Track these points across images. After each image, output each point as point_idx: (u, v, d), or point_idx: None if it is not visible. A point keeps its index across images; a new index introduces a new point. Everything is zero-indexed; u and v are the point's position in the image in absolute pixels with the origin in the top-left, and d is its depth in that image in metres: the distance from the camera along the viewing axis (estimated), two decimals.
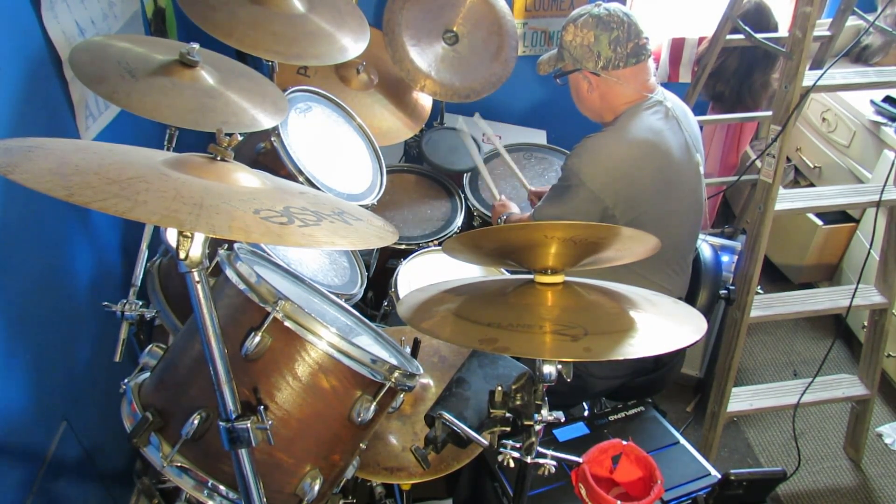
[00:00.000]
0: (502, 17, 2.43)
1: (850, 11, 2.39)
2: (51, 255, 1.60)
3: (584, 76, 1.74)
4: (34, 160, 0.80)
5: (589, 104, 1.79)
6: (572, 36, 1.72)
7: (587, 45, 1.70)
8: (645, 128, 1.69)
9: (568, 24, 1.74)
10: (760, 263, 2.02)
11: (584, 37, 1.70)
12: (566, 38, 1.74)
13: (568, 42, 1.73)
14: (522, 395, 1.13)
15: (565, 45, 1.74)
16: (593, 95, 1.76)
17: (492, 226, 1.98)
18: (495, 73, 2.40)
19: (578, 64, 1.73)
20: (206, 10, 1.67)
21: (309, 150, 1.78)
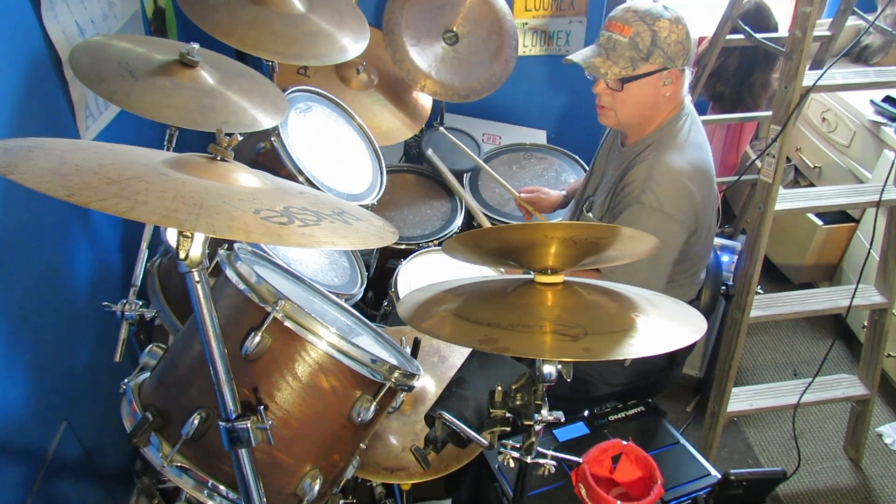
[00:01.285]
0: (502, 17, 2.43)
1: (850, 11, 2.39)
2: (51, 255, 1.60)
3: (663, 76, 1.61)
4: (34, 160, 0.80)
5: (645, 108, 1.66)
6: (668, 32, 1.56)
7: (681, 42, 1.58)
8: (696, 145, 1.68)
9: (656, 19, 1.57)
10: (760, 263, 2.02)
11: (679, 32, 1.58)
12: (661, 34, 1.56)
13: (663, 39, 1.56)
14: (522, 395, 1.13)
15: (659, 42, 1.56)
16: (664, 97, 1.64)
17: (495, 225, 1.98)
18: (495, 73, 2.40)
19: (671, 63, 1.59)
20: (206, 10, 1.67)
21: (309, 150, 1.78)
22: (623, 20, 1.59)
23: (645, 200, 1.59)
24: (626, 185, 1.65)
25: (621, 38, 1.59)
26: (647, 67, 1.59)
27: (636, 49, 1.58)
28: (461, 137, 2.56)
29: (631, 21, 1.58)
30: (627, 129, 1.75)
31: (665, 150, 1.64)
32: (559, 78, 3.07)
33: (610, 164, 1.85)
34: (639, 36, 1.57)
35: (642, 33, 1.57)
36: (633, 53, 1.58)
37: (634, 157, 1.71)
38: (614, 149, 1.85)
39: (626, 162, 1.73)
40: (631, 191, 1.62)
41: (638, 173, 1.63)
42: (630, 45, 1.58)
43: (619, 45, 1.59)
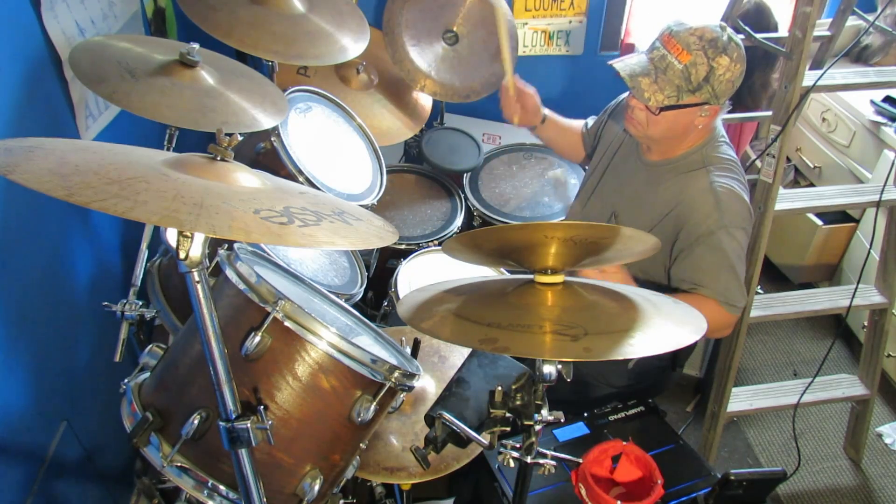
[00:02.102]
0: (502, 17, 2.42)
1: (850, 11, 2.39)
2: (51, 255, 1.60)
3: (703, 109, 1.55)
4: (34, 160, 0.81)
5: (675, 134, 1.62)
6: (724, 70, 1.49)
7: (732, 81, 1.52)
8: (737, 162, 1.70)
9: (719, 53, 1.48)
10: (760, 263, 2.02)
11: (734, 71, 1.51)
12: (719, 71, 1.49)
13: (718, 77, 1.49)
14: (522, 395, 1.13)
15: (713, 79, 1.49)
16: (696, 127, 1.60)
17: (492, 225, 1.98)
18: (495, 73, 2.39)
19: (716, 100, 1.53)
20: (206, 10, 1.67)
21: (309, 150, 1.78)
22: (685, 44, 1.49)
23: (727, 222, 1.58)
24: (692, 217, 1.61)
25: (676, 62, 1.50)
26: (691, 99, 1.52)
27: (687, 80, 1.50)
28: (461, 137, 2.56)
29: (692, 48, 1.49)
30: (652, 143, 1.71)
31: (715, 171, 1.63)
32: (559, 78, 3.07)
33: (633, 175, 1.78)
34: (694, 66, 1.49)
35: (699, 65, 1.48)
36: (683, 83, 1.50)
37: (671, 176, 1.68)
38: (632, 158, 1.79)
39: (663, 181, 1.69)
40: (702, 220, 1.59)
41: (701, 201, 1.60)
42: (682, 74, 1.50)
43: (672, 69, 1.50)
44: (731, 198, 1.61)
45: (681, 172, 1.67)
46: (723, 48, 1.49)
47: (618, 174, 1.84)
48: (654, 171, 1.72)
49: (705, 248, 1.60)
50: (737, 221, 1.60)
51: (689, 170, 1.66)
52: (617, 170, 1.84)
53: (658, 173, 1.71)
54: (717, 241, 1.58)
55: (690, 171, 1.66)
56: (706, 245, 1.60)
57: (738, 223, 1.60)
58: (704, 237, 1.59)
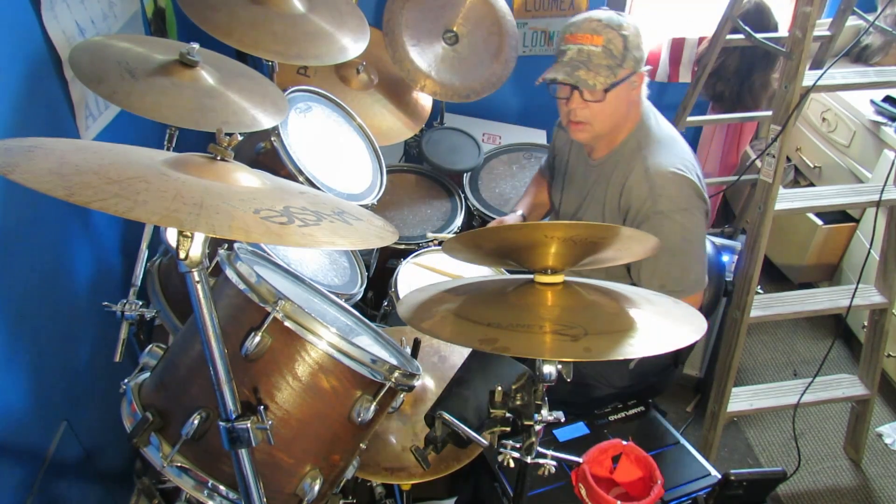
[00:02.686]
0: (502, 17, 2.43)
1: (850, 11, 2.39)
2: (51, 255, 1.60)
3: (632, 81, 1.63)
4: (34, 160, 0.81)
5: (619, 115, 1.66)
6: (634, 36, 1.59)
7: (642, 46, 1.61)
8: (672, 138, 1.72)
9: (621, 25, 1.59)
10: (760, 263, 2.02)
11: (639, 36, 1.61)
12: (633, 40, 1.58)
13: (633, 44, 1.59)
14: (522, 395, 1.13)
15: (630, 46, 1.58)
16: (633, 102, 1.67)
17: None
18: (495, 73, 2.40)
19: (639, 66, 1.62)
20: (206, 10, 1.67)
21: (309, 150, 1.78)
22: (590, 30, 1.58)
23: (661, 208, 1.60)
24: (632, 205, 1.64)
25: (593, 48, 1.57)
26: (622, 73, 1.59)
27: (611, 56, 1.57)
28: (461, 137, 2.56)
29: (599, 30, 1.57)
30: (597, 142, 1.73)
31: (649, 154, 1.66)
32: None
33: (585, 178, 1.82)
34: (611, 43, 1.56)
35: (613, 40, 1.56)
36: (610, 61, 1.57)
37: (614, 168, 1.71)
38: (581, 164, 1.83)
39: (609, 176, 1.72)
40: (640, 207, 1.63)
41: (637, 188, 1.64)
42: (605, 54, 1.57)
43: (594, 55, 1.57)
44: (666, 180, 1.61)
45: (621, 163, 1.70)
46: (620, 21, 1.58)
47: (574, 182, 1.88)
48: (600, 169, 1.75)
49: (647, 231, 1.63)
50: (674, 205, 1.60)
51: (627, 158, 1.69)
52: (573, 179, 1.88)
53: (604, 170, 1.74)
54: (651, 227, 1.61)
55: (629, 159, 1.69)
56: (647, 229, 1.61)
57: (675, 206, 1.60)
58: (641, 225, 1.63)
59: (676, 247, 1.62)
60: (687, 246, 1.64)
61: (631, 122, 1.70)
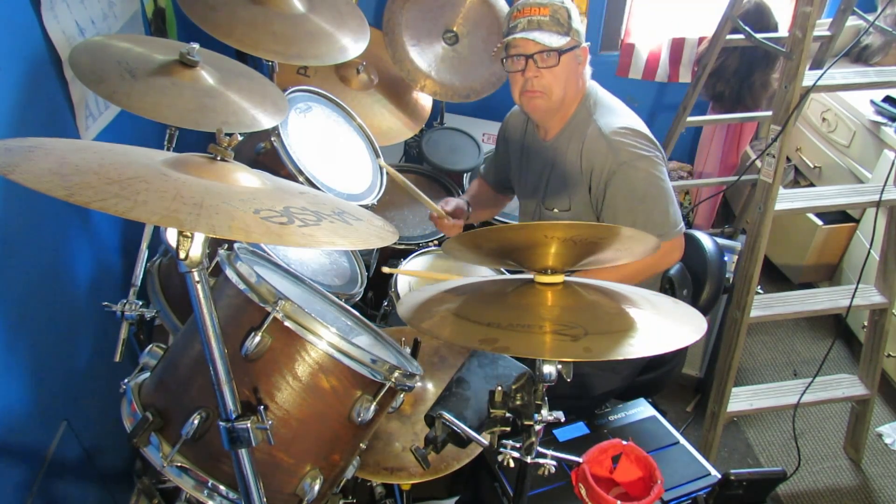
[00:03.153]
0: (502, 17, 2.43)
1: (850, 11, 2.40)
2: (51, 255, 1.60)
3: (577, 53, 1.69)
4: (34, 160, 0.81)
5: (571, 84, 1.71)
6: (574, 10, 1.65)
7: (580, 21, 1.67)
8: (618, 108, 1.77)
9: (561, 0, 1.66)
10: (760, 263, 2.02)
11: (576, 11, 1.66)
12: (574, 13, 1.65)
13: (575, 17, 1.65)
14: (522, 395, 1.13)
15: (573, 17, 1.65)
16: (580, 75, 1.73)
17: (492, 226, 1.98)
18: (495, 73, 2.40)
19: (581, 39, 1.68)
20: (206, 10, 1.67)
21: (309, 150, 1.78)
22: (536, 3, 1.63)
23: (624, 159, 1.64)
24: (594, 165, 1.70)
25: (542, 17, 1.63)
26: (570, 42, 1.65)
27: (559, 24, 1.63)
28: (461, 137, 2.56)
29: (544, 3, 1.63)
30: (552, 117, 1.77)
31: (600, 116, 1.72)
32: None
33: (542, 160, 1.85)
34: (557, 13, 1.63)
35: (559, 10, 1.63)
36: (558, 28, 1.63)
37: (569, 140, 1.76)
38: (535, 147, 1.87)
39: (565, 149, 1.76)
40: (603, 164, 1.68)
41: (595, 147, 1.69)
42: (553, 22, 1.63)
43: (543, 23, 1.62)
44: (619, 134, 1.67)
45: (576, 132, 1.74)
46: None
47: (532, 169, 1.91)
48: (556, 144, 1.79)
49: (613, 190, 1.67)
50: (633, 154, 1.65)
51: (580, 127, 1.74)
52: (530, 167, 1.92)
53: (559, 144, 1.78)
54: (619, 180, 1.65)
55: (582, 126, 1.73)
56: (613, 187, 1.67)
57: (634, 155, 1.65)
58: (609, 181, 1.67)
59: (648, 192, 1.66)
60: (657, 190, 1.67)
61: (579, 94, 1.75)
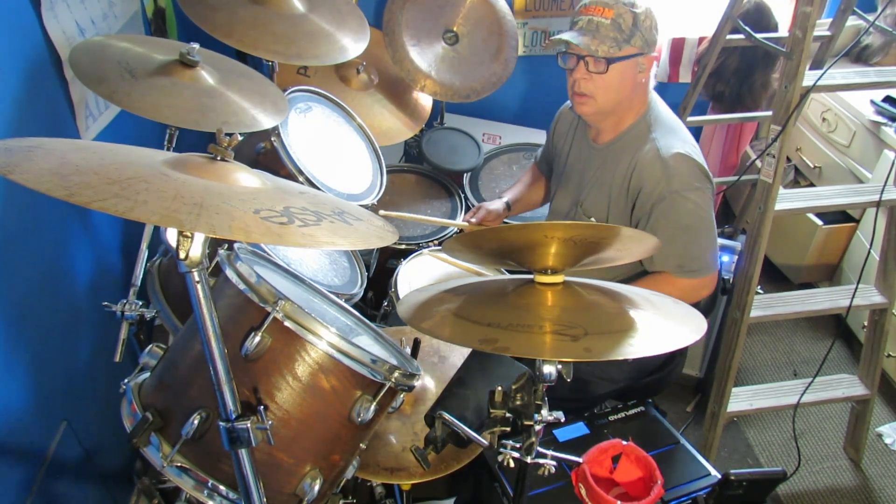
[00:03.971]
0: (502, 17, 2.43)
1: (850, 11, 2.39)
2: (51, 255, 1.60)
3: (639, 62, 1.65)
4: (34, 160, 0.80)
5: (624, 94, 1.67)
6: (645, 16, 1.62)
7: (654, 28, 1.64)
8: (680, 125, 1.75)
9: (634, 4, 1.61)
10: (760, 263, 2.02)
11: (652, 18, 1.63)
12: (642, 19, 1.61)
13: (642, 23, 1.61)
14: (522, 395, 1.13)
15: (640, 26, 1.61)
16: (640, 84, 1.68)
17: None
18: (495, 73, 2.40)
19: (648, 48, 1.64)
20: (206, 10, 1.67)
21: (309, 150, 1.78)
22: (602, 3, 1.60)
23: (676, 187, 1.62)
24: (644, 185, 1.66)
25: (603, 19, 1.59)
26: (629, 50, 1.61)
27: (619, 30, 1.59)
28: (461, 137, 2.56)
29: (611, 4, 1.60)
30: (602, 120, 1.74)
31: (659, 136, 1.69)
32: (559, 78, 3.06)
33: (589, 163, 1.82)
34: (621, 17, 1.59)
35: (624, 15, 1.59)
36: (617, 34, 1.59)
37: (622, 151, 1.72)
38: (585, 149, 1.85)
39: (617, 159, 1.73)
40: (654, 188, 1.64)
41: (649, 168, 1.65)
42: (613, 27, 1.59)
43: (602, 26, 1.59)
44: (677, 161, 1.64)
45: (630, 146, 1.72)
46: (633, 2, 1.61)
47: (575, 167, 1.89)
48: (606, 152, 1.76)
49: (658, 214, 1.65)
50: (687, 184, 1.63)
51: (636, 141, 1.71)
52: (574, 165, 1.90)
53: (610, 153, 1.75)
54: (667, 206, 1.63)
55: (638, 142, 1.70)
56: (658, 211, 1.64)
57: (688, 185, 1.63)
58: (657, 204, 1.64)
59: (693, 225, 1.64)
60: (702, 224, 1.66)
61: (638, 105, 1.72)
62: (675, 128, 1.73)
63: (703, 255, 1.67)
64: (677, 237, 1.63)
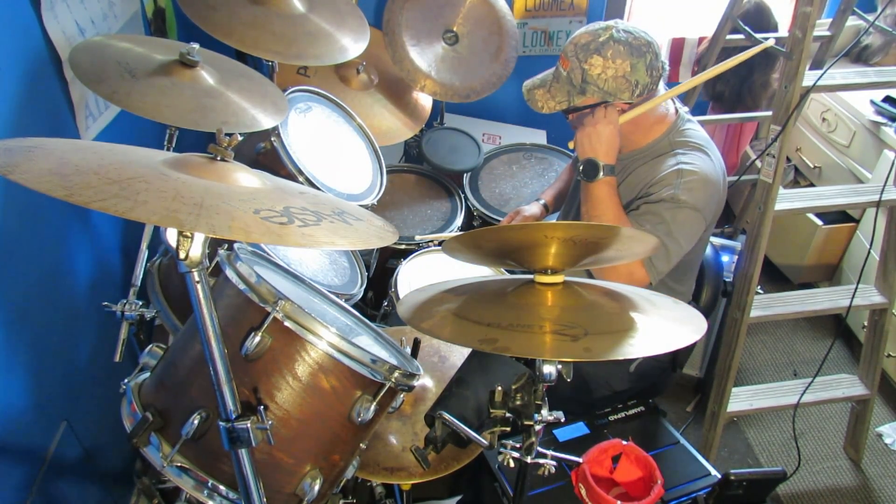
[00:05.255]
0: (502, 17, 2.43)
1: (850, 11, 2.40)
2: (51, 255, 1.60)
3: (616, 107, 1.62)
4: (34, 160, 0.81)
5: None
6: (601, 69, 1.56)
7: (623, 76, 1.57)
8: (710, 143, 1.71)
9: (590, 55, 1.56)
10: (760, 263, 2.02)
11: (616, 68, 1.56)
12: (592, 72, 1.57)
13: (596, 76, 1.57)
14: (522, 395, 1.13)
15: (590, 79, 1.58)
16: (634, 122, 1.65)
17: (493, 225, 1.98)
18: (495, 73, 2.40)
19: (611, 97, 1.60)
20: (206, 10, 1.67)
21: (309, 150, 1.78)
22: (565, 53, 1.62)
23: (681, 197, 1.59)
24: (654, 188, 1.63)
25: (562, 70, 1.63)
26: (585, 101, 1.62)
27: (571, 84, 1.62)
28: (461, 137, 2.56)
29: (569, 55, 1.61)
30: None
31: (684, 155, 1.65)
32: None
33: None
34: (573, 71, 1.60)
35: (574, 69, 1.60)
36: (570, 88, 1.62)
37: (641, 164, 1.70)
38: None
39: (632, 172, 1.71)
40: (662, 187, 1.61)
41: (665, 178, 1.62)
42: (567, 80, 1.62)
43: (560, 77, 1.63)
44: (694, 179, 1.60)
45: (648, 160, 1.70)
46: (595, 49, 1.57)
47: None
48: (621, 163, 1.73)
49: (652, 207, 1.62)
50: (693, 202, 1.59)
51: (657, 156, 1.69)
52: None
53: (625, 165, 1.73)
54: (663, 208, 1.60)
55: (659, 157, 1.68)
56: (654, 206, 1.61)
57: (693, 204, 1.59)
58: (653, 201, 1.62)
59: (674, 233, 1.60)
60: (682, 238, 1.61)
61: (648, 131, 1.70)
62: (699, 147, 1.68)
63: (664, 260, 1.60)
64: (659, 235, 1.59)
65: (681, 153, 1.66)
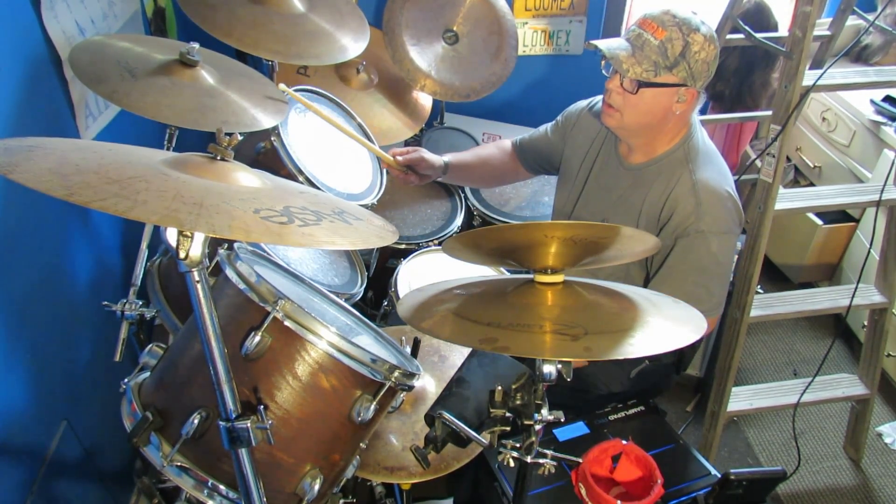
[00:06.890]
0: (502, 16, 2.43)
1: (850, 11, 2.39)
2: (51, 255, 1.60)
3: (679, 92, 1.53)
4: (34, 160, 0.81)
5: (653, 119, 1.58)
6: (700, 47, 1.48)
7: (708, 62, 1.51)
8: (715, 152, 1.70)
9: (693, 30, 1.48)
10: (760, 263, 2.02)
11: (708, 52, 1.50)
12: (693, 48, 1.48)
13: (693, 53, 1.48)
14: (522, 395, 1.13)
15: (688, 55, 1.48)
16: (674, 114, 1.57)
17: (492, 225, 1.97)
18: (495, 73, 2.40)
19: (692, 81, 1.51)
20: (206, 10, 1.67)
21: (309, 150, 1.78)
22: (659, 21, 1.49)
23: (704, 227, 1.56)
24: (674, 216, 1.61)
25: (652, 38, 1.49)
26: (667, 78, 1.51)
27: (664, 55, 1.49)
28: (461, 137, 2.56)
29: (667, 24, 1.48)
30: (629, 137, 1.67)
31: (696, 168, 1.62)
32: (559, 78, 3.07)
33: (617, 180, 1.74)
34: (670, 42, 1.48)
35: (675, 40, 1.48)
36: (659, 59, 1.49)
37: (657, 176, 1.65)
38: (612, 164, 1.75)
39: (650, 183, 1.66)
40: (683, 221, 1.59)
41: (683, 201, 1.60)
42: (658, 50, 1.49)
43: (648, 45, 1.49)
44: (712, 200, 1.58)
45: (665, 172, 1.65)
46: (696, 26, 1.49)
47: (600, 181, 1.79)
48: (638, 174, 1.69)
49: (679, 248, 1.60)
50: (715, 226, 1.57)
51: (672, 169, 1.64)
52: (599, 177, 1.80)
53: (643, 176, 1.68)
54: (689, 243, 1.58)
55: (674, 169, 1.64)
56: (680, 246, 1.59)
57: (716, 228, 1.57)
58: (680, 238, 1.59)
59: (707, 268, 1.59)
60: (718, 269, 1.60)
61: (672, 133, 1.64)
62: (712, 158, 1.66)
63: (710, 298, 1.61)
64: (689, 275, 1.59)
65: (697, 171, 1.62)
